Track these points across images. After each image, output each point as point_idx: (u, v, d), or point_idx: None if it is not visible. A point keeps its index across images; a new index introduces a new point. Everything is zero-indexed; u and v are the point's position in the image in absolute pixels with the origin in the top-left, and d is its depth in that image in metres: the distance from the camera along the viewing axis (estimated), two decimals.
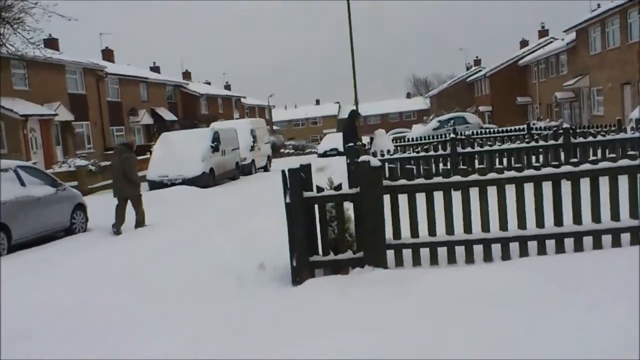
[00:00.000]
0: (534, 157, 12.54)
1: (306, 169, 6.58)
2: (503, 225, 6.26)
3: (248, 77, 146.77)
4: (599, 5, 38.75)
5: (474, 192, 6.23)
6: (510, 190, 6.18)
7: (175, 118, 44.38)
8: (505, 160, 12.40)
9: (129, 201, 12.22)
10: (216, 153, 21.85)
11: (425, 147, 14.62)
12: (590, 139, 12.11)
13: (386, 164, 12.38)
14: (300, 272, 6.29)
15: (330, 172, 22.54)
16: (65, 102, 30.98)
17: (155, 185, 20.30)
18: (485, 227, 6.29)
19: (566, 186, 6.17)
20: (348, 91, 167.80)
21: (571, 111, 37.95)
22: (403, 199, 6.33)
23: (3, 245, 10.40)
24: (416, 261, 6.37)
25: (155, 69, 51.50)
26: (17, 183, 11.22)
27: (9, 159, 18.89)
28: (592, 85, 33.35)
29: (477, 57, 69.62)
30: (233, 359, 4.40)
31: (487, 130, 25.60)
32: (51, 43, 31.54)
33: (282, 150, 51.30)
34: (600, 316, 4.19)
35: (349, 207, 6.50)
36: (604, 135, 12.21)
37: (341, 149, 36.91)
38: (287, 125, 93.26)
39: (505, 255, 6.22)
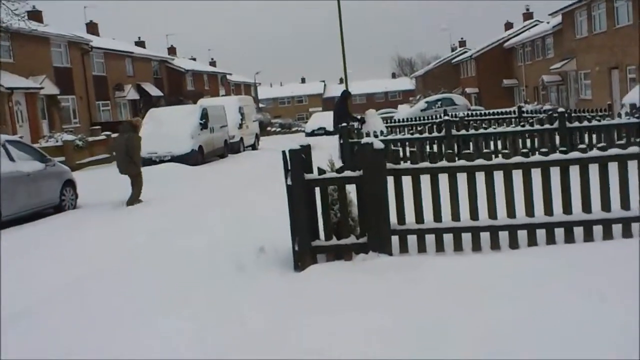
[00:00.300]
0: (528, 141, 12.53)
1: (306, 150, 6.41)
2: (510, 212, 6.14)
3: (233, 54, 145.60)
4: None
5: (477, 178, 6.12)
6: (518, 176, 6.05)
7: (161, 94, 43.86)
8: (500, 144, 12.31)
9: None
10: (205, 130, 21.58)
11: (420, 128, 14.56)
12: (586, 123, 12.02)
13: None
14: (303, 257, 6.16)
15: (319, 152, 22.55)
16: (51, 75, 30.41)
17: (143, 162, 19.97)
18: (492, 213, 6.17)
19: (573, 173, 6.06)
20: (333, 69, 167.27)
21: (558, 94, 38.07)
22: (407, 184, 6.20)
23: None
24: (421, 248, 6.25)
25: (140, 43, 50.73)
26: (6, 158, 10.96)
27: None
28: (579, 69, 33.39)
29: (462, 38, 69.49)
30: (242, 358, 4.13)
31: (476, 112, 25.62)
32: (35, 15, 30.83)
33: (268, 129, 51.01)
34: (606, 309, 4.11)
35: (350, 191, 6.37)
36: (599, 120, 12.16)
37: (329, 128, 36.89)
38: (273, 103, 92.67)
39: (513, 243, 6.12)
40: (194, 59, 62.22)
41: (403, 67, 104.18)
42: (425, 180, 6.25)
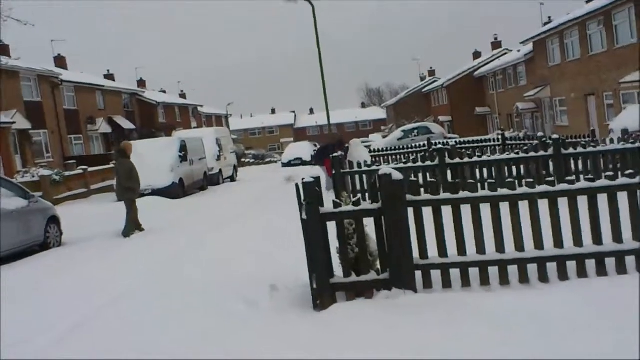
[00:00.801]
0: (522, 168, 12.41)
1: (317, 181, 6.09)
2: (538, 244, 5.86)
3: (202, 86, 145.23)
4: (550, 18, 39.73)
5: (501, 208, 5.86)
6: (543, 205, 5.79)
7: (133, 126, 43.16)
8: (493, 172, 12.02)
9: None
10: (184, 163, 21.16)
11: (413, 157, 14.37)
12: (580, 149, 11.97)
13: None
14: (322, 295, 5.79)
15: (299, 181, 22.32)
16: (21, 109, 29.56)
17: None
18: (519, 245, 5.88)
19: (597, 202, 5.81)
20: (302, 100, 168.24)
21: (533, 121, 38.51)
22: (427, 216, 5.88)
23: None
24: (446, 283, 5.93)
25: (109, 76, 49.99)
26: None
27: None
28: (554, 96, 33.80)
29: (431, 67, 70.60)
30: None
31: (454, 140, 25.63)
32: (1, 49, 30.22)
33: (242, 160, 50.57)
34: None
35: (367, 224, 6.03)
36: (594, 146, 12.10)
37: (305, 158, 36.94)
38: (244, 134, 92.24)
39: (543, 276, 5.83)
40: (164, 92, 61.74)
41: (372, 96, 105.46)
42: (446, 211, 5.95)
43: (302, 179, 5.93)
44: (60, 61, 42.81)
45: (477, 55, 57.63)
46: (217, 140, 26.49)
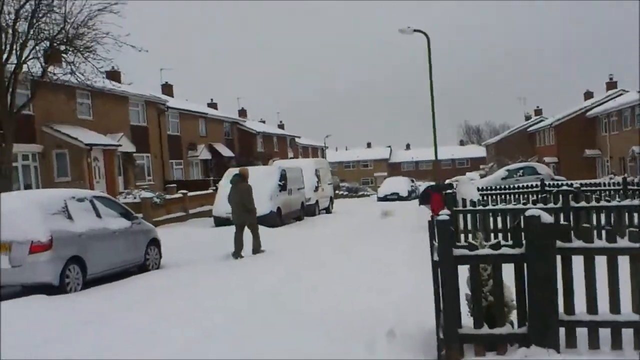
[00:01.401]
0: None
1: (451, 220, 5.43)
2: None
3: (300, 117, 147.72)
4: None
5: None
6: None
7: (232, 154, 44.02)
8: (612, 218, 10.90)
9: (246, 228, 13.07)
10: (283, 192, 20.96)
11: (524, 198, 13.28)
12: None
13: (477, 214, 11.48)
14: (450, 346, 5.11)
15: (396, 218, 21.44)
16: (127, 133, 30.77)
17: (221, 221, 19.46)
18: None
19: None
20: (398, 135, 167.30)
21: None
22: (576, 267, 5.14)
23: (78, 280, 9.58)
24: (593, 343, 5.13)
25: (212, 105, 51.60)
26: (93, 214, 10.39)
27: (72, 187, 18.32)
28: None
29: (537, 106, 68.01)
30: None
31: (565, 183, 24.01)
32: (114, 75, 31.54)
33: (336, 192, 50.30)
34: None
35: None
36: None
37: (402, 193, 36.12)
38: (338, 166, 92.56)
39: None
40: (263, 122, 62.97)
41: (470, 134, 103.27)
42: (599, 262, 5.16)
43: (434, 216, 5.39)
44: (167, 89, 44.47)
45: (588, 95, 54.95)
46: (316, 171, 26.24)
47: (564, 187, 13.14)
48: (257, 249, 12.95)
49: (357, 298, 7.49)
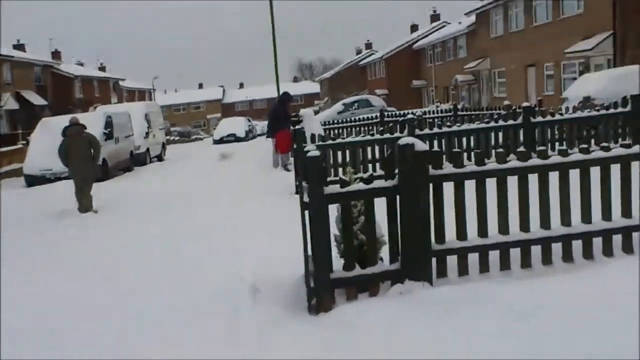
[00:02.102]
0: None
1: (322, 156, 5.15)
2: (566, 220, 5.10)
3: (123, 59, 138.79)
4: None
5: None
6: (575, 177, 5.05)
7: (45, 103, 39.79)
8: (472, 141, 11.31)
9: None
10: (109, 141, 18.95)
11: (372, 130, 12.85)
12: (549, 117, 11.49)
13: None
14: (322, 295, 4.70)
15: (236, 160, 20.33)
16: None
17: (35, 180, 17.25)
18: (546, 223, 5.09)
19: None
20: (232, 75, 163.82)
21: (470, 93, 38.19)
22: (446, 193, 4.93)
23: None
24: (462, 270, 5.01)
25: (19, 46, 45.81)
26: None
27: None
28: (493, 68, 33.68)
29: (367, 40, 69.31)
30: None
31: (394, 113, 24.48)
32: None
33: (167, 137, 47.91)
34: None
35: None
36: (562, 115, 11.70)
37: (240, 134, 34.90)
38: (167, 110, 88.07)
39: (567, 257, 5.10)
40: (82, 64, 57.55)
41: (303, 71, 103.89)
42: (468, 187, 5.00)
43: (306, 152, 4.95)
44: None
45: (414, 28, 56.93)
46: (146, 116, 24.30)
47: (410, 116, 13.07)
48: (88, 207, 11.71)
49: (215, 258, 6.65)
